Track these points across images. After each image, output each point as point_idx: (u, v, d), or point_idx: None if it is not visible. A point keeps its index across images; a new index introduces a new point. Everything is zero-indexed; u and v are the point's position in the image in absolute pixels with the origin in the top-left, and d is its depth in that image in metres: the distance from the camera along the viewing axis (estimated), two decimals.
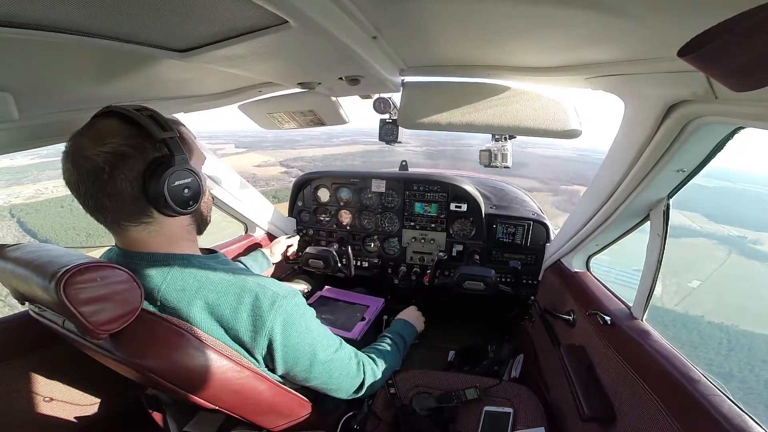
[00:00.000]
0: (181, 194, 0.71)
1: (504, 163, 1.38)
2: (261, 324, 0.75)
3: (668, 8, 0.48)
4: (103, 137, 0.66)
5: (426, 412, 1.21)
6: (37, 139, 1.00)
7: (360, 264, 2.12)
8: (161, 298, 0.73)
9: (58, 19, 0.53)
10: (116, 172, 0.66)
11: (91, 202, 0.69)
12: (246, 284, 0.77)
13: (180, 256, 0.78)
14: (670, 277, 20.88)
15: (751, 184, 55.12)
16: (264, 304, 0.75)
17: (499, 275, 1.77)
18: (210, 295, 0.74)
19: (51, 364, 1.05)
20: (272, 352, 0.77)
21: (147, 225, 0.74)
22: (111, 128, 0.68)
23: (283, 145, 59.55)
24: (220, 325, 0.75)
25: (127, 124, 0.69)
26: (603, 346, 1.11)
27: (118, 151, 0.66)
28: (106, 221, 0.73)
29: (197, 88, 1.18)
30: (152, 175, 0.68)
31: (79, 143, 0.67)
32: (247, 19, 0.59)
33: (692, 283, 21.56)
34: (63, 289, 0.56)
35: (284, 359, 0.79)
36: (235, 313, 0.74)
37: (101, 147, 0.65)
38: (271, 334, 0.76)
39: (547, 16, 0.59)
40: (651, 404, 0.85)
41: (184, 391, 0.70)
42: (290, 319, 0.78)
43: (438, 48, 0.86)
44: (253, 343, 0.76)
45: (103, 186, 0.67)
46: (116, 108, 0.70)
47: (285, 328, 0.77)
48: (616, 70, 0.78)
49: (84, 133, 0.68)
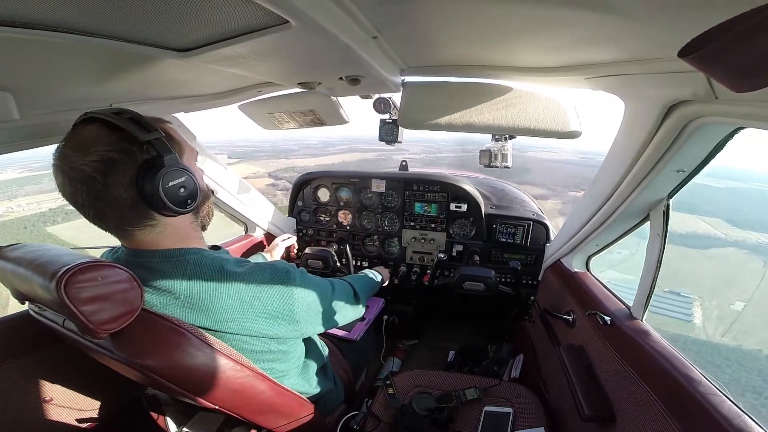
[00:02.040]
0: (178, 194, 0.71)
1: (504, 163, 1.37)
2: (288, 292, 0.83)
3: (668, 8, 0.48)
4: (87, 146, 0.65)
5: (426, 412, 1.21)
6: (37, 139, 1.00)
7: (360, 264, 2.12)
8: (185, 291, 0.74)
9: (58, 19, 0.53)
10: (109, 180, 0.65)
11: (92, 211, 0.69)
12: (259, 267, 0.82)
13: (192, 250, 0.79)
14: (708, 300, 17.25)
15: (761, 184, 53.59)
16: (281, 275, 0.83)
17: (499, 275, 1.77)
18: (234, 282, 0.76)
19: (51, 364, 1.05)
20: (306, 311, 0.87)
21: (152, 227, 0.74)
22: (93, 136, 0.66)
23: (277, 155, 58.98)
24: (252, 306, 0.77)
25: (109, 129, 0.67)
26: (603, 346, 1.12)
27: (105, 158, 0.65)
28: (110, 228, 0.73)
29: (197, 88, 1.18)
30: (145, 178, 0.67)
31: (65, 155, 0.66)
32: (247, 18, 0.59)
33: (735, 305, 17.82)
34: (63, 289, 0.56)
35: (314, 313, 0.90)
36: (262, 292, 0.79)
37: (88, 156, 0.64)
38: (299, 297, 0.85)
39: (547, 17, 0.59)
40: (651, 404, 0.85)
41: (184, 391, 0.70)
42: (304, 281, 0.87)
43: (438, 48, 0.86)
44: (290, 312, 0.83)
45: (98, 195, 0.66)
46: (94, 114, 0.68)
47: (306, 290, 0.87)
48: (616, 70, 0.78)
49: (67, 144, 0.67)
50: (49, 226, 22.91)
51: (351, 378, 1.38)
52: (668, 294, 14.85)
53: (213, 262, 0.78)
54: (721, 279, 19.81)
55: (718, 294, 18.16)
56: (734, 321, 16.25)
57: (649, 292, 1.05)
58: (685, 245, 22.10)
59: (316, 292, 0.92)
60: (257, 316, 0.78)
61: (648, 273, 1.04)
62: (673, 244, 19.37)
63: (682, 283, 16.32)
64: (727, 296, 18.34)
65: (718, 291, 18.50)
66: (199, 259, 0.77)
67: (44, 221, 24.00)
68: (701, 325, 15.30)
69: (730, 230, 27.53)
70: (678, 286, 15.35)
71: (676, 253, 19.51)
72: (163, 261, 0.75)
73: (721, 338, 14.98)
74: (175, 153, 0.72)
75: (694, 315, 15.53)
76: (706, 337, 14.69)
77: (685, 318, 15.25)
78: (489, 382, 1.33)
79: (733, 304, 17.71)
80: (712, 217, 28.32)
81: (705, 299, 16.88)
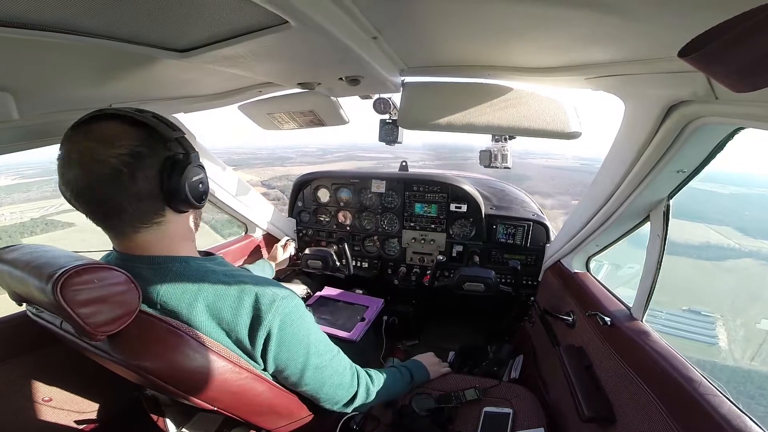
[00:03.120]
0: (197, 189, 0.75)
1: (504, 164, 1.37)
2: (259, 323, 0.74)
3: (668, 8, 0.48)
4: (112, 140, 0.66)
5: (425, 413, 1.21)
6: (37, 139, 1.00)
7: (360, 265, 2.12)
8: (161, 300, 0.73)
9: (58, 19, 0.52)
10: (137, 172, 0.67)
11: (105, 207, 0.68)
12: (245, 286, 0.76)
13: (179, 258, 0.78)
14: (732, 319, 15.29)
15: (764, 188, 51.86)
16: (263, 304, 0.75)
17: (499, 276, 1.77)
18: (210, 297, 0.74)
19: (49, 365, 1.05)
20: (266, 349, 0.77)
21: (157, 225, 0.74)
22: (118, 131, 0.67)
23: (273, 163, 58.03)
24: (220, 327, 0.74)
25: (132, 125, 0.68)
26: (603, 346, 1.11)
27: (134, 152, 0.66)
28: (118, 225, 0.72)
29: (197, 88, 1.18)
30: (171, 172, 0.70)
31: (87, 147, 0.65)
32: (247, 19, 0.59)
33: (762, 324, 15.68)
34: (60, 291, 0.56)
35: (276, 358, 0.79)
36: (236, 314, 0.74)
37: (115, 149, 0.65)
38: (269, 332, 0.75)
39: (547, 16, 0.59)
40: (651, 405, 0.85)
41: (183, 392, 0.70)
42: (288, 318, 0.78)
43: (438, 48, 0.86)
44: (252, 343, 0.76)
45: (123, 188, 0.67)
46: (115, 111, 0.69)
47: (282, 327, 0.77)
48: (616, 70, 0.78)
49: (88, 137, 0.66)
50: (26, 237, 21.55)
51: None
52: (687, 313, 13.03)
53: (195, 273, 0.76)
54: (742, 294, 17.74)
55: (742, 311, 16.21)
56: (763, 342, 14.21)
57: (649, 293, 1.05)
58: (699, 257, 20.23)
59: (299, 339, 0.80)
60: (223, 335, 0.75)
61: (648, 274, 1.04)
62: (687, 256, 17.61)
63: (699, 299, 14.70)
64: (752, 313, 16.33)
65: (741, 308, 16.60)
66: (182, 269, 0.76)
67: (23, 231, 23.09)
68: (727, 348, 13.58)
69: (743, 239, 25.49)
70: (696, 303, 13.81)
71: (691, 267, 17.82)
72: (147, 267, 0.74)
73: (751, 363, 13.05)
74: (197, 152, 0.76)
75: (718, 336, 13.65)
76: (734, 362, 12.93)
77: (709, 340, 13.49)
78: (489, 382, 1.33)
79: (759, 323, 15.75)
80: (722, 226, 26.51)
81: (728, 318, 15.07)
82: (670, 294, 5.57)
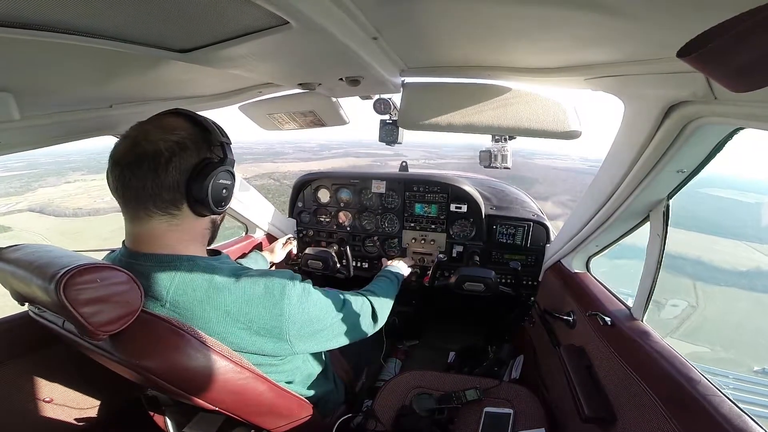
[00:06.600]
0: (220, 193, 0.78)
1: (504, 164, 1.37)
2: (278, 310, 0.79)
3: (668, 9, 0.48)
4: (170, 129, 0.74)
5: (426, 413, 1.21)
6: (37, 139, 1.00)
7: (360, 265, 2.12)
8: (171, 299, 0.73)
9: (58, 19, 0.53)
10: (174, 159, 0.72)
11: (131, 179, 0.71)
12: (254, 279, 0.79)
13: (187, 257, 0.78)
14: None
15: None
16: (275, 291, 0.80)
17: (499, 276, 1.77)
18: (222, 293, 0.75)
19: (51, 365, 1.05)
20: (290, 331, 0.82)
21: (170, 217, 0.76)
22: (179, 123, 0.76)
23: (264, 158, 57.02)
24: (237, 321, 0.76)
25: (192, 123, 0.78)
26: (603, 346, 1.11)
27: (181, 141, 0.73)
28: (137, 201, 0.73)
29: (197, 88, 1.18)
30: (202, 170, 0.75)
31: (146, 129, 0.74)
32: (247, 19, 0.59)
33: None
34: (63, 291, 0.56)
35: (300, 334, 0.84)
36: (250, 307, 0.77)
37: (168, 135, 0.73)
38: (289, 316, 0.81)
39: (547, 17, 0.59)
40: (651, 405, 0.85)
41: (184, 392, 0.70)
42: (302, 298, 0.84)
43: (438, 49, 0.87)
44: (277, 330, 0.80)
45: (155, 169, 0.71)
46: (183, 110, 0.80)
47: (300, 307, 0.83)
48: (615, 71, 0.78)
49: (150, 123, 0.75)
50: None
51: (351, 379, 1.38)
52: (762, 376, 10.54)
53: (204, 271, 0.76)
54: None
55: None
56: None
57: (649, 293, 1.05)
58: (754, 289, 16.81)
59: (317, 310, 0.88)
60: (241, 330, 0.77)
61: (648, 273, 1.04)
62: (739, 287, 14.80)
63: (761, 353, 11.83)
64: None
65: None
66: (190, 267, 0.76)
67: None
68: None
69: None
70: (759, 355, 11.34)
71: (752, 302, 14.15)
72: (154, 266, 0.75)
73: None
74: (235, 160, 0.82)
75: None
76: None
77: None
78: (489, 382, 1.33)
79: None
80: (764, 244, 23.22)
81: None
82: (732, 345, 4.20)
